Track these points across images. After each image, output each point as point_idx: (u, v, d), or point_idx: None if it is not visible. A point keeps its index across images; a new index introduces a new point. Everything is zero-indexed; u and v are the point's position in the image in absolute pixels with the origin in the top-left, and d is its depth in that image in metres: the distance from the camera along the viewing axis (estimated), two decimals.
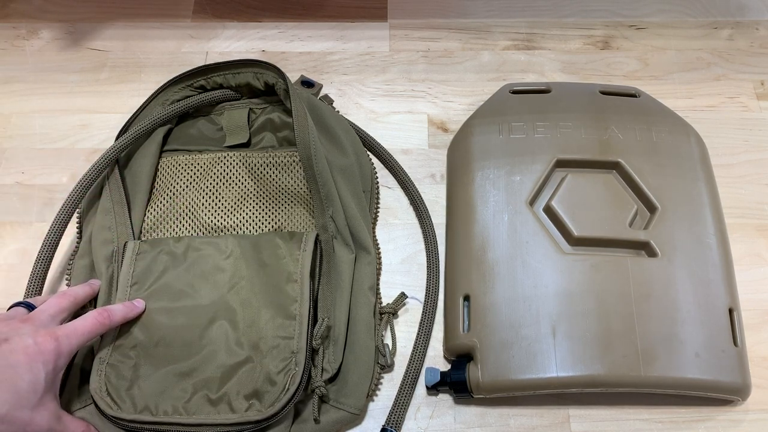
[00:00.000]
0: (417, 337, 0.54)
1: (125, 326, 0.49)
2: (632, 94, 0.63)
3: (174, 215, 0.57)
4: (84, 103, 0.68)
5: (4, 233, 0.60)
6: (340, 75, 0.69)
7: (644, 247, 0.54)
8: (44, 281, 0.54)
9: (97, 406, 0.46)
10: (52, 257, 0.55)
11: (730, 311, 0.51)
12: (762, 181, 0.63)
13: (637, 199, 0.56)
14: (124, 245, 0.53)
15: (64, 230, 0.56)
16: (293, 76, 0.66)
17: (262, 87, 0.59)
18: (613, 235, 0.54)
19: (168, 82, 0.59)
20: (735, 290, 0.53)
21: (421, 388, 0.53)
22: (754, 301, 0.56)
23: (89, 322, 0.46)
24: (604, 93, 0.63)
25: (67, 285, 0.54)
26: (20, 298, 0.54)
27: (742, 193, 0.62)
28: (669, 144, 0.58)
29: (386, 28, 0.73)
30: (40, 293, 0.54)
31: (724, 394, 0.50)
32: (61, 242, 0.55)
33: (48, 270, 0.55)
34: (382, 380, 0.53)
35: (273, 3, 0.75)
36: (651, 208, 0.55)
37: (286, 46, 0.72)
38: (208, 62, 0.64)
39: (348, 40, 0.72)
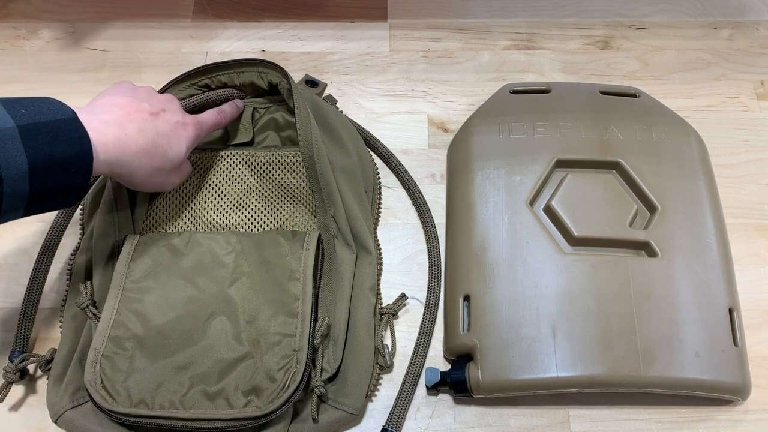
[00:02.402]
0: (418, 337, 0.54)
1: (121, 316, 0.49)
2: (632, 94, 0.63)
3: (176, 212, 0.57)
4: (84, 103, 0.67)
5: (4, 233, 0.60)
6: (340, 75, 0.70)
7: (644, 247, 0.54)
8: (44, 281, 0.54)
9: (92, 398, 0.46)
10: (52, 257, 0.55)
11: (730, 311, 0.51)
12: (762, 181, 0.63)
13: (637, 199, 0.56)
14: (124, 238, 0.53)
15: (64, 230, 0.56)
16: (295, 76, 0.66)
17: (266, 86, 0.59)
18: (613, 235, 0.54)
19: (173, 80, 0.59)
20: (735, 290, 0.53)
21: (421, 388, 0.53)
22: (754, 301, 0.56)
23: (211, 117, 0.55)
24: (604, 93, 0.63)
25: (68, 284, 0.54)
26: (20, 299, 0.54)
27: (742, 193, 0.62)
28: (669, 144, 0.59)
29: (386, 28, 0.73)
30: (40, 293, 0.54)
31: (724, 394, 0.50)
32: (61, 242, 0.56)
33: (48, 270, 0.55)
34: (381, 380, 0.53)
35: (273, 3, 0.75)
36: (651, 208, 0.55)
37: (287, 46, 0.72)
38: (208, 62, 0.64)
39: (348, 40, 0.72)
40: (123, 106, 0.46)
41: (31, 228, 0.60)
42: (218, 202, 0.57)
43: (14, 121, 0.38)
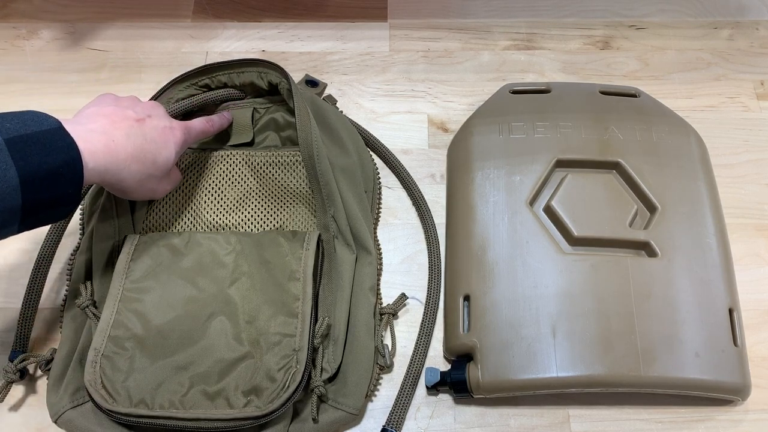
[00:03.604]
0: (418, 337, 0.54)
1: (121, 316, 0.49)
2: (632, 94, 0.63)
3: (176, 212, 0.57)
4: (84, 103, 0.67)
5: None
6: (340, 75, 0.70)
7: (644, 247, 0.54)
8: (44, 281, 0.54)
9: (92, 398, 0.46)
10: (52, 257, 0.55)
11: (730, 311, 0.51)
12: (762, 181, 0.63)
13: (637, 199, 0.56)
14: (124, 238, 0.53)
15: (64, 230, 0.56)
16: (295, 76, 0.67)
17: (266, 86, 0.59)
18: (613, 235, 0.54)
19: (173, 80, 0.59)
20: (735, 290, 0.53)
21: (421, 388, 0.53)
22: (754, 301, 0.56)
23: (199, 124, 0.55)
24: (604, 93, 0.63)
25: (68, 284, 0.54)
26: (20, 298, 0.54)
27: (742, 193, 0.62)
28: (669, 144, 0.59)
29: (386, 28, 0.73)
30: (40, 293, 0.54)
31: (724, 394, 0.50)
32: (61, 242, 0.56)
33: (48, 270, 0.55)
34: (381, 380, 0.53)
35: (273, 3, 0.75)
36: (651, 208, 0.55)
37: (286, 46, 0.72)
38: (208, 62, 0.64)
39: (348, 40, 0.72)
40: (108, 115, 0.46)
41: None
42: (218, 202, 0.57)
43: (0, 135, 0.38)
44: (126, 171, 0.46)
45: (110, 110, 0.47)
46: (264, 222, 0.57)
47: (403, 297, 0.55)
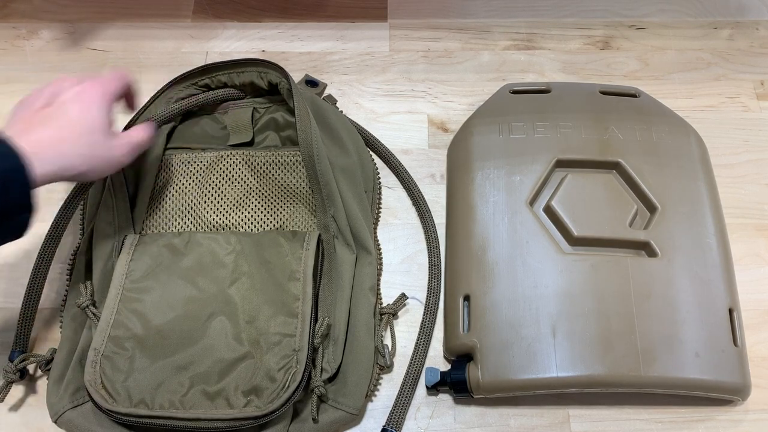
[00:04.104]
0: (418, 337, 0.54)
1: (121, 316, 0.49)
2: (632, 94, 0.63)
3: (176, 212, 0.57)
4: None
5: None
6: (340, 75, 0.70)
7: (644, 247, 0.54)
8: (44, 281, 0.54)
9: (92, 398, 0.46)
10: (52, 257, 0.55)
11: (730, 311, 0.51)
12: (762, 181, 0.63)
13: (637, 199, 0.56)
14: (124, 238, 0.53)
15: (64, 230, 0.56)
16: (295, 76, 0.67)
17: (266, 86, 0.59)
18: (613, 235, 0.54)
19: (173, 80, 0.59)
20: (735, 290, 0.53)
21: (421, 388, 0.53)
22: (754, 301, 0.56)
23: (113, 75, 0.50)
24: (604, 93, 0.63)
25: (68, 284, 0.54)
26: (20, 299, 0.54)
27: (742, 193, 0.62)
28: (669, 144, 0.59)
29: (386, 28, 0.73)
30: (40, 293, 0.54)
31: (724, 394, 0.50)
32: (61, 242, 0.55)
33: (48, 270, 0.55)
34: (381, 380, 0.53)
35: (273, 3, 0.75)
36: (651, 208, 0.55)
37: (286, 46, 0.72)
38: (208, 62, 0.64)
39: (348, 40, 0.72)
40: (21, 116, 0.46)
41: (32, 228, 0.60)
42: (218, 202, 0.57)
43: None
44: (66, 158, 0.44)
45: (21, 115, 0.46)
46: (264, 222, 0.57)
47: (403, 297, 0.55)
